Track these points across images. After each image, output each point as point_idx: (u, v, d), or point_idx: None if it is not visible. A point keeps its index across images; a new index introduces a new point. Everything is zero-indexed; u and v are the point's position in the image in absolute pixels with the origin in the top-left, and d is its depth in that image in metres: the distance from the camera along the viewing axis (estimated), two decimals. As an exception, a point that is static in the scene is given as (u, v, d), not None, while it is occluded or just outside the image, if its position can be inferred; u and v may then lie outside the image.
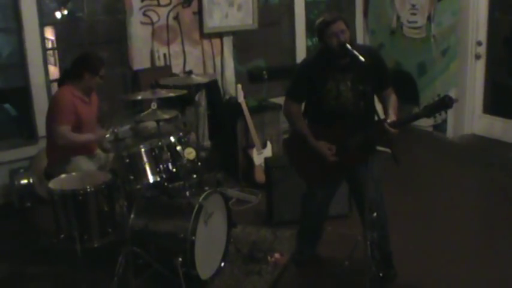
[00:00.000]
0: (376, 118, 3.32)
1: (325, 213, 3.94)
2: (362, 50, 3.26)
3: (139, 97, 3.99)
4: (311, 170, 3.64)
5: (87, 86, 4.15)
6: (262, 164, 5.08)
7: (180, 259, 3.50)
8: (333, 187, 3.82)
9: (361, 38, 7.55)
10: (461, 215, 4.71)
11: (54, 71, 5.61)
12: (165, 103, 4.36)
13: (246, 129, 5.59)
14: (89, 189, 3.58)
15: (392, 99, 3.52)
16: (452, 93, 6.46)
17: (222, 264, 3.91)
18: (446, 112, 3.18)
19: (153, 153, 3.74)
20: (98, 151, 4.39)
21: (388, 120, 3.34)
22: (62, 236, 3.63)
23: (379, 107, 3.55)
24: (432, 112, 3.14)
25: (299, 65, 3.79)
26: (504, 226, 4.45)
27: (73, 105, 4.06)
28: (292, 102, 3.63)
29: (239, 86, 5.62)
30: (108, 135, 3.93)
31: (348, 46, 3.25)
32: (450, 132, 6.64)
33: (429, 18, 6.67)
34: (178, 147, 3.81)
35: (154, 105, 3.77)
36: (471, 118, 6.54)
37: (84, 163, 4.17)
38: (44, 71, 5.33)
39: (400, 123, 3.34)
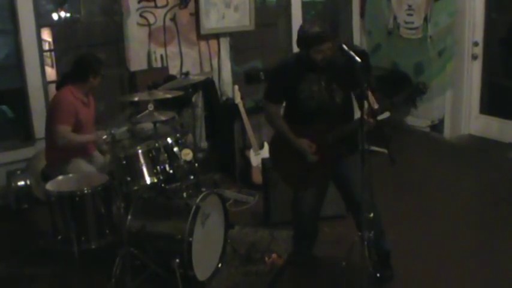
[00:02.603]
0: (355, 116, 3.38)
1: (316, 215, 3.94)
2: (353, 52, 3.29)
3: (136, 98, 3.99)
4: (294, 174, 3.67)
5: (91, 87, 4.20)
6: (260, 165, 5.08)
7: (178, 260, 3.50)
8: (320, 189, 3.81)
9: (358, 38, 7.56)
10: (458, 215, 4.72)
11: (51, 73, 5.61)
12: (162, 104, 4.36)
13: (243, 130, 5.59)
14: (86, 191, 3.59)
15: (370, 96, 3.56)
16: (448, 94, 6.49)
17: (219, 265, 3.91)
18: (421, 99, 3.34)
19: (150, 155, 3.75)
20: (96, 153, 4.39)
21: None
22: (59, 237, 3.64)
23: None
24: (407, 100, 3.31)
25: (274, 67, 3.82)
26: (501, 226, 4.46)
27: (74, 106, 4.08)
28: (269, 103, 3.68)
29: (236, 87, 5.63)
30: (105, 137, 3.94)
31: (345, 47, 3.26)
32: (447, 133, 6.65)
33: (426, 19, 6.68)
34: (175, 149, 3.81)
35: (151, 107, 3.77)
36: (468, 118, 6.55)
37: (82, 164, 4.18)
38: (40, 72, 5.33)
39: (376, 112, 3.36)
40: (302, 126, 3.57)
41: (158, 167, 3.75)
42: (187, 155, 3.83)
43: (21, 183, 5.07)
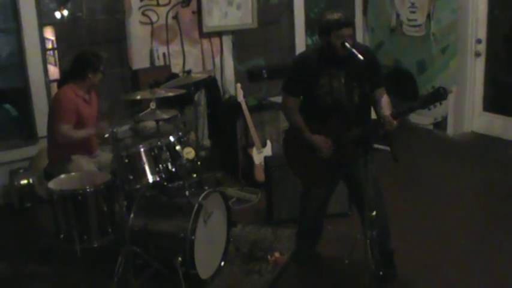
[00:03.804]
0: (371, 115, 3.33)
1: (323, 214, 3.93)
2: (359, 48, 3.26)
3: (139, 97, 3.99)
4: (308, 170, 3.63)
5: (91, 84, 4.19)
6: (262, 163, 5.08)
7: (180, 259, 3.50)
8: (330, 187, 3.80)
9: (360, 36, 7.54)
10: (461, 213, 4.71)
11: (54, 71, 5.61)
12: (165, 102, 4.36)
13: (246, 128, 5.58)
14: (88, 190, 3.59)
15: (385, 98, 3.52)
16: (452, 91, 6.47)
17: (222, 263, 3.90)
18: (441, 104, 3.20)
19: (153, 153, 3.74)
20: (99, 151, 4.39)
21: (387, 113, 3.34)
22: (62, 236, 3.64)
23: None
24: (427, 104, 3.15)
25: (294, 59, 3.78)
26: (504, 223, 4.45)
27: (75, 104, 4.08)
28: (288, 96, 3.60)
29: (239, 85, 5.62)
30: (107, 135, 3.94)
31: (347, 45, 3.25)
32: (450, 130, 6.64)
33: (429, 16, 6.66)
34: (178, 147, 3.81)
35: (153, 105, 3.77)
36: (471, 116, 6.54)
37: (84, 162, 4.18)
38: (43, 71, 5.33)
39: (398, 114, 3.33)
40: (318, 122, 3.51)
41: (160, 166, 3.75)
42: (189, 153, 3.82)
43: (24, 181, 5.07)
